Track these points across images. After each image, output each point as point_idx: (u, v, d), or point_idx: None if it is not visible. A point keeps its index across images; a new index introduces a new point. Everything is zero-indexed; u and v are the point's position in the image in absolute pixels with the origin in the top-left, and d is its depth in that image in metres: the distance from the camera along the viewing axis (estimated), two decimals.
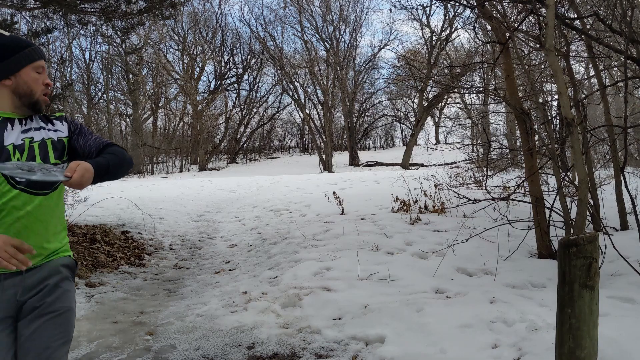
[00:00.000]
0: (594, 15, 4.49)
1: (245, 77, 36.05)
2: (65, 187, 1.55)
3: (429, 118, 33.20)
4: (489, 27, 5.87)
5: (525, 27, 5.37)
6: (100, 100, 32.17)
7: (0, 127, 1.56)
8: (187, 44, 32.86)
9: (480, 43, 6.72)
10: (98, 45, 29.28)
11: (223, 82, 35.11)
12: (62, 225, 1.70)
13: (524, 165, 5.45)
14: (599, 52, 5.17)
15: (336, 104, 33.07)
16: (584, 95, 5.58)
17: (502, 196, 5.62)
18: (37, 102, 1.64)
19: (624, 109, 4.15)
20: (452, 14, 23.02)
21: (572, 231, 3.97)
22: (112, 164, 1.59)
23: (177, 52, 33.36)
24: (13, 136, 1.57)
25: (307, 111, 32.09)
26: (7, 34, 1.64)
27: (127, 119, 33.14)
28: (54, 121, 1.71)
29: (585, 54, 5.94)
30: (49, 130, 1.66)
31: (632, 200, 4.09)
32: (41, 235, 1.58)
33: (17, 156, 1.54)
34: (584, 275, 1.51)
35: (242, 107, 36.41)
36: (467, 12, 10.45)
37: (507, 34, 4.72)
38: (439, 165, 13.52)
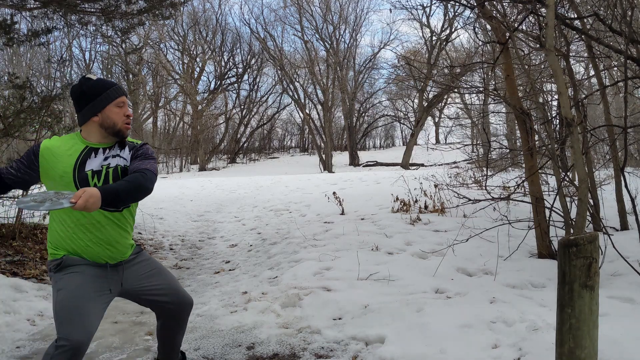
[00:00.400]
0: (594, 15, 4.49)
1: (245, 77, 36.09)
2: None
3: (429, 118, 33.22)
4: (489, 27, 5.87)
5: (525, 27, 5.37)
6: None
7: (86, 155, 1.94)
8: (187, 44, 32.88)
9: (480, 43, 6.72)
10: (98, 45, 29.33)
11: (223, 82, 35.12)
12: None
13: (524, 165, 5.45)
14: (599, 52, 5.17)
15: (336, 104, 33.09)
16: (584, 95, 5.58)
17: (502, 196, 5.62)
18: (120, 131, 2.01)
19: (624, 109, 4.16)
20: (452, 14, 23.05)
21: (572, 231, 3.97)
22: (121, 190, 1.76)
23: (177, 52, 33.41)
24: (95, 163, 1.94)
25: (307, 111, 32.10)
26: (94, 77, 2.02)
27: None
28: (126, 148, 2.04)
29: (585, 54, 5.94)
30: (121, 157, 1.99)
31: (632, 200, 4.09)
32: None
33: (95, 181, 1.90)
34: (584, 275, 1.51)
35: (242, 107, 36.43)
36: (467, 12, 10.46)
37: (507, 34, 4.71)
38: (439, 165, 13.54)
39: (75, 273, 1.93)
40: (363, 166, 28.40)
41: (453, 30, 24.37)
